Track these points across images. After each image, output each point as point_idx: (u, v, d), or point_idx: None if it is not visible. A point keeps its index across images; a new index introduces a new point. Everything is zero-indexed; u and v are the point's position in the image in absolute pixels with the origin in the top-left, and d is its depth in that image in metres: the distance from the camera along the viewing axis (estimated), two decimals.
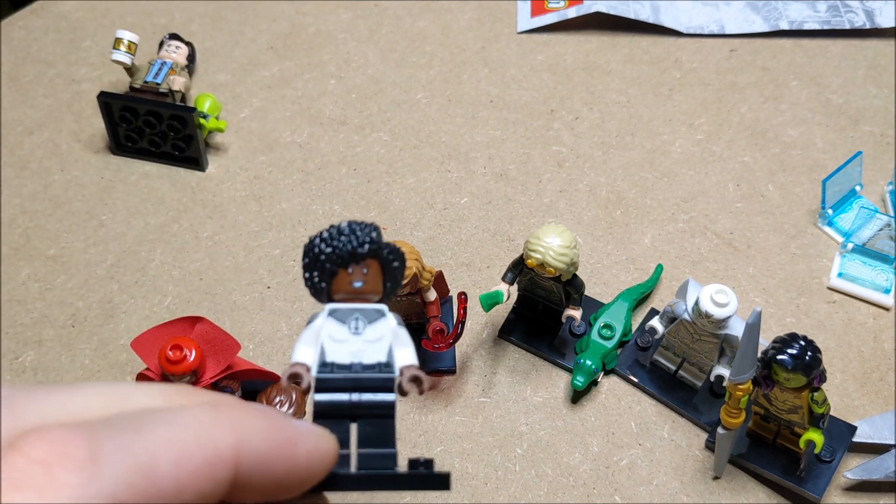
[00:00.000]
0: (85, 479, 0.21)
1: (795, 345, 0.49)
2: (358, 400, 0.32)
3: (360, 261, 0.34)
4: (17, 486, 0.20)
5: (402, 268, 0.35)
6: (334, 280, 0.34)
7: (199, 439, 0.24)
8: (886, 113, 0.78)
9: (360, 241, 0.34)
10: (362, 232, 0.34)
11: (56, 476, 0.21)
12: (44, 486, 0.21)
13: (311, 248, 0.34)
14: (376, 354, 0.32)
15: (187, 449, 0.23)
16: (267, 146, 0.76)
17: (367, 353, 0.33)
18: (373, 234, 0.35)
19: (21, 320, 0.65)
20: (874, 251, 0.66)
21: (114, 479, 0.21)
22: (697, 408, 0.58)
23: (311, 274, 0.34)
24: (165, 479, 0.23)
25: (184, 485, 0.23)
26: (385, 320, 0.33)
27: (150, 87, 0.73)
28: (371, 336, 0.33)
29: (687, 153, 0.75)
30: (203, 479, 0.23)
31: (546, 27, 0.86)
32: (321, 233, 0.34)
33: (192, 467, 0.23)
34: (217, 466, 0.24)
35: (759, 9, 0.86)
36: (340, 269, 0.34)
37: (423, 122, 0.78)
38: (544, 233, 0.55)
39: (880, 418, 0.57)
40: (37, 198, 0.73)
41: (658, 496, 0.55)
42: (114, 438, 0.22)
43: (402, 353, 0.33)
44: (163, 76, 0.73)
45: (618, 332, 0.61)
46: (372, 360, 0.32)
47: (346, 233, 0.34)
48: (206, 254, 0.69)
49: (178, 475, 0.23)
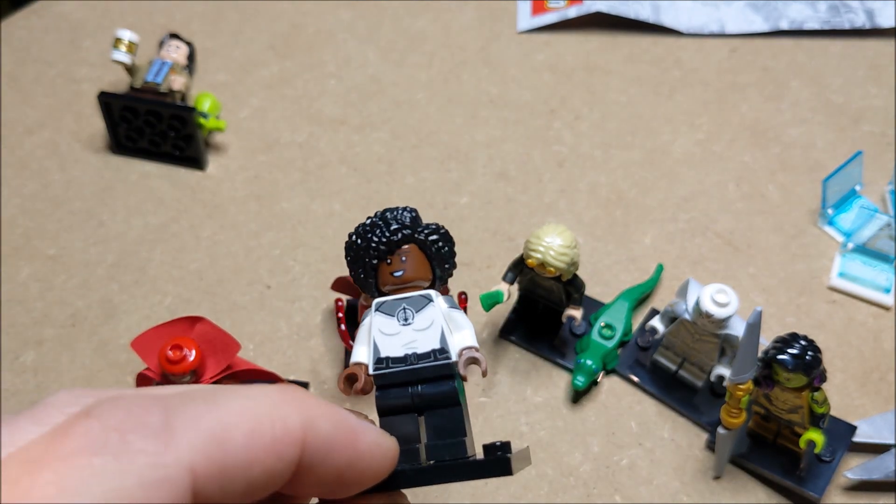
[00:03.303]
0: (160, 446, 0.21)
1: (796, 344, 0.49)
2: (419, 392, 0.31)
3: (395, 249, 0.33)
4: (94, 451, 0.20)
5: (448, 247, 0.34)
6: (378, 273, 0.33)
7: (272, 414, 0.24)
8: (887, 113, 0.78)
9: (391, 230, 0.33)
10: (394, 219, 0.34)
11: (131, 442, 0.21)
12: (119, 451, 0.21)
13: (350, 245, 0.34)
14: (429, 342, 0.31)
15: (260, 423, 0.23)
16: (267, 146, 0.76)
17: (420, 342, 0.31)
18: (405, 218, 0.34)
19: (21, 320, 0.65)
20: (874, 251, 0.66)
21: (189, 448, 0.22)
22: (698, 408, 0.58)
23: (356, 271, 0.34)
24: (238, 450, 0.23)
25: (254, 458, 0.23)
26: (433, 305, 0.32)
27: (150, 86, 0.73)
28: (421, 324, 0.32)
29: (687, 153, 0.75)
30: (272, 456, 0.23)
31: (546, 27, 0.86)
32: (357, 227, 0.34)
33: (264, 442, 0.23)
34: (287, 444, 0.24)
35: (760, 8, 0.86)
36: (380, 261, 0.33)
37: (423, 121, 0.78)
38: (545, 232, 0.55)
39: (880, 418, 0.57)
40: (37, 197, 0.73)
41: (658, 496, 0.55)
42: (189, 408, 0.22)
43: (459, 335, 0.32)
44: (163, 76, 0.73)
45: (618, 332, 0.61)
46: (426, 349, 0.31)
47: (378, 224, 0.33)
48: (205, 253, 0.69)
49: (250, 448, 0.23)
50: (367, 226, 0.34)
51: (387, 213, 0.34)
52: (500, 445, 0.29)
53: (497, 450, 0.29)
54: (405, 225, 0.33)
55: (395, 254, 0.33)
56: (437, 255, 0.34)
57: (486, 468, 0.29)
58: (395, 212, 0.34)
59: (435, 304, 0.32)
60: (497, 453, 0.29)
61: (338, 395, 0.60)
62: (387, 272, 0.33)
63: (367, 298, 0.57)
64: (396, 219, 0.33)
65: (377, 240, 0.33)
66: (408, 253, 0.33)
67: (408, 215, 0.34)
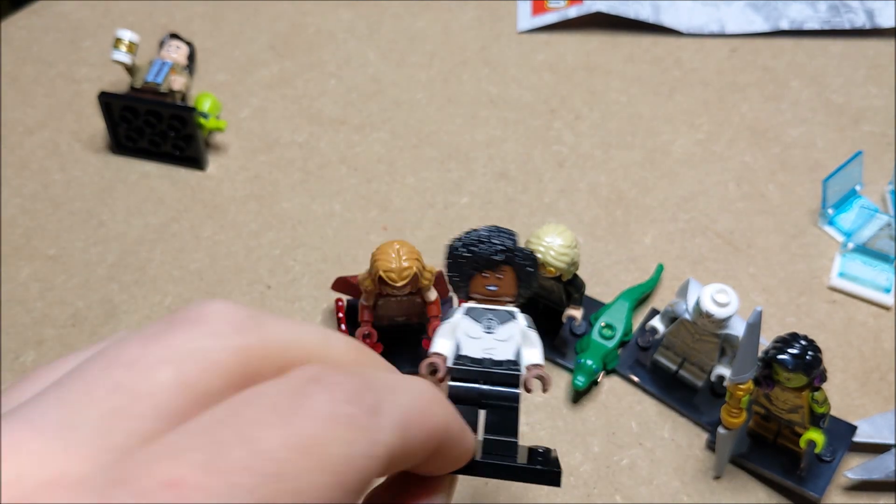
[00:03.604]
0: (376, 425, 0.23)
1: (796, 344, 0.49)
2: (487, 390, 0.35)
3: (495, 267, 0.38)
4: (334, 420, 0.21)
5: (535, 272, 0.39)
6: (472, 281, 0.39)
7: (433, 409, 0.26)
8: (887, 113, 0.78)
9: (495, 250, 0.38)
10: (499, 240, 0.38)
11: (357, 418, 0.22)
12: (349, 424, 0.22)
13: (453, 250, 0.38)
14: (505, 352, 0.36)
15: (426, 416, 0.25)
16: (267, 146, 0.76)
17: (498, 351, 0.36)
18: (508, 242, 0.38)
19: (21, 320, 0.65)
20: (875, 251, 0.66)
21: (390, 431, 0.23)
22: (698, 408, 0.58)
23: (452, 275, 0.39)
24: (412, 440, 0.24)
25: (416, 449, 0.25)
26: (515, 322, 0.38)
27: (151, 87, 0.72)
28: (502, 335, 0.37)
29: (687, 153, 0.75)
30: (424, 448, 0.26)
31: (547, 27, 0.86)
32: (462, 237, 0.38)
33: (425, 435, 0.25)
34: (435, 439, 0.26)
35: (760, 8, 0.86)
36: (477, 272, 0.38)
37: (424, 121, 0.78)
38: (545, 232, 0.55)
39: (881, 418, 0.57)
40: (37, 197, 0.73)
41: (659, 496, 0.55)
42: (387, 393, 0.24)
43: (530, 352, 0.37)
44: (163, 76, 0.73)
45: (618, 332, 0.61)
46: (501, 357, 0.36)
47: (484, 240, 0.38)
48: (206, 253, 0.69)
49: (418, 438, 0.25)
50: (475, 239, 0.38)
51: (493, 233, 0.39)
52: (543, 452, 0.34)
53: (539, 455, 0.34)
54: (508, 249, 0.38)
55: (494, 270, 0.39)
56: (525, 279, 0.39)
57: (538, 476, 0.33)
58: (501, 234, 0.39)
59: (517, 321, 0.37)
60: (539, 458, 0.33)
61: None
62: (481, 283, 0.38)
63: (367, 298, 0.57)
64: (503, 241, 0.38)
65: (480, 255, 0.38)
66: (504, 272, 0.38)
67: (511, 241, 0.39)
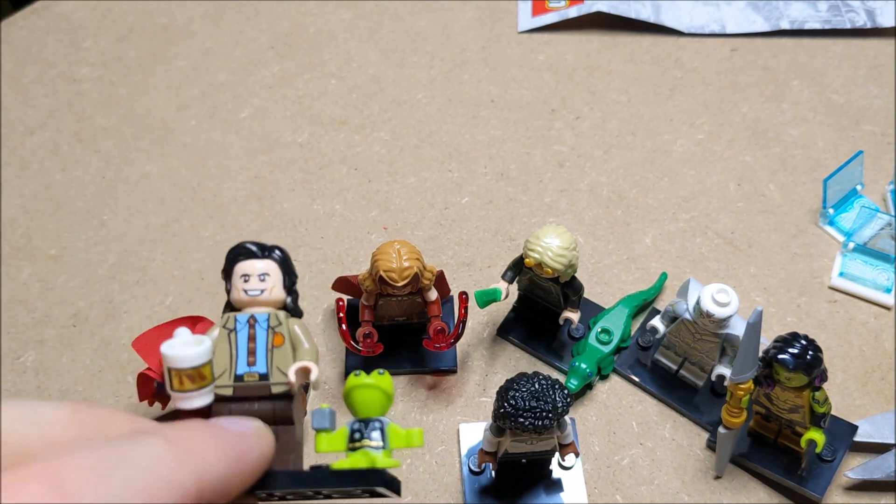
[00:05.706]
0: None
1: (797, 344, 0.49)
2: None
3: (540, 433, 0.47)
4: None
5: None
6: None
7: (168, 485, 0.24)
8: (887, 112, 0.78)
9: (541, 425, 0.46)
10: (547, 408, 0.45)
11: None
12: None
13: (503, 414, 0.46)
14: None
15: (157, 496, 0.24)
16: (268, 146, 0.76)
17: None
18: (554, 404, 0.46)
19: (22, 320, 0.65)
20: (875, 250, 0.66)
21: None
22: (699, 407, 0.58)
23: (495, 423, 0.49)
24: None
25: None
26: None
27: (251, 388, 0.34)
28: None
29: (688, 153, 0.75)
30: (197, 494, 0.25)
31: (547, 27, 0.86)
32: (510, 398, 0.46)
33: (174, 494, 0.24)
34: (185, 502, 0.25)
35: (760, 8, 0.86)
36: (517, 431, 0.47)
37: (424, 121, 0.78)
38: (544, 233, 0.55)
39: (881, 417, 0.57)
40: (38, 198, 0.73)
41: (659, 495, 0.55)
42: (90, 480, 0.23)
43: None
44: (265, 355, 0.35)
45: (615, 338, 0.60)
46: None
47: (531, 410, 0.45)
48: (206, 253, 0.69)
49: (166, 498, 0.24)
50: (521, 402, 0.46)
51: (540, 398, 0.45)
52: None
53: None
54: (552, 414, 0.46)
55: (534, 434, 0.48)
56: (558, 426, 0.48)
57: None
58: (548, 397, 0.45)
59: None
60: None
61: (338, 395, 0.60)
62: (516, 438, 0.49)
63: (368, 298, 0.57)
64: (548, 409, 0.46)
65: (524, 427, 0.45)
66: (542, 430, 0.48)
67: (561, 401, 0.45)
